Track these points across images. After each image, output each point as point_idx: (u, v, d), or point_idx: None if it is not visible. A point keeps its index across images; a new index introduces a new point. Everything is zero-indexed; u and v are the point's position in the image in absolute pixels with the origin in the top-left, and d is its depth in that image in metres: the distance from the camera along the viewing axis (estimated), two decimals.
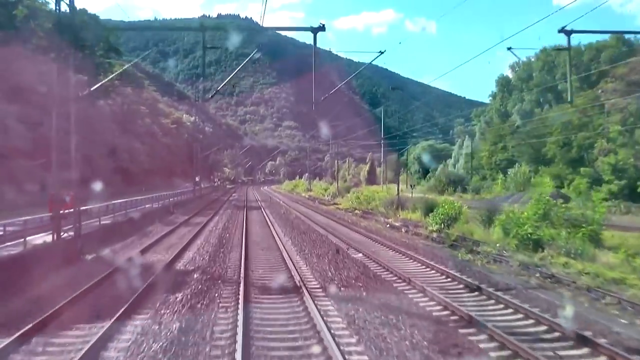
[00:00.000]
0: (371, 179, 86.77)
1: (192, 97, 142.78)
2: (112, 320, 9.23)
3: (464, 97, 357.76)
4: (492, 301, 11.65)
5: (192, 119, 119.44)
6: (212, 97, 49.95)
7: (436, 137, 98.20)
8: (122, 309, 9.85)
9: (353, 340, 8.55)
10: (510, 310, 10.85)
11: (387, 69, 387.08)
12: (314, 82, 18.17)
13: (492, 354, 8.14)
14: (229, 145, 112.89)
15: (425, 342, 8.36)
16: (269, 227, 27.99)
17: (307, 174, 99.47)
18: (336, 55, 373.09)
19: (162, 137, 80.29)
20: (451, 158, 76.32)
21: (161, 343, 8.14)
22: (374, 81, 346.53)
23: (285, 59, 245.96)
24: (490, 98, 76.26)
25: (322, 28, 16.69)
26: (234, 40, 24.36)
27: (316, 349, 8.13)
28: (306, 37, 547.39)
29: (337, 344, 7.94)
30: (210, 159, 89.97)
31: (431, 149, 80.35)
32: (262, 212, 40.05)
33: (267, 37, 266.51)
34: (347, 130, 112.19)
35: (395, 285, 13.42)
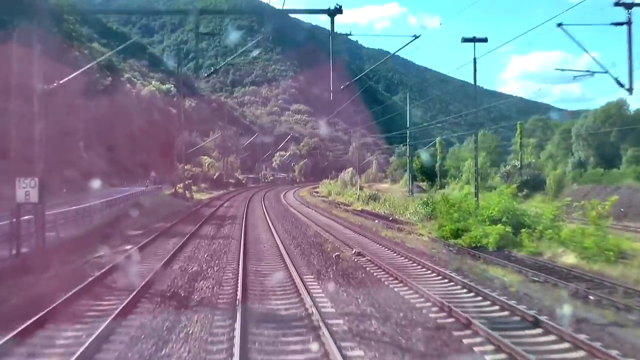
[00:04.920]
0: None
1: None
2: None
3: (482, 87, 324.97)
4: None
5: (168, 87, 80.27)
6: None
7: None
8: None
9: None
10: None
11: (399, 56, 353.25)
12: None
13: None
14: (219, 126, 73.49)
15: None
16: None
17: (351, 169, 61.33)
18: (345, 38, 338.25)
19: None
20: None
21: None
22: (388, 67, 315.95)
23: (291, 34, 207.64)
24: None
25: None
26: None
27: None
28: (311, 19, 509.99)
29: None
30: (183, 143, 51.37)
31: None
32: None
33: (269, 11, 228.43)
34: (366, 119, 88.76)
35: None
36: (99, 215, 24.51)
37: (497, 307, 11.08)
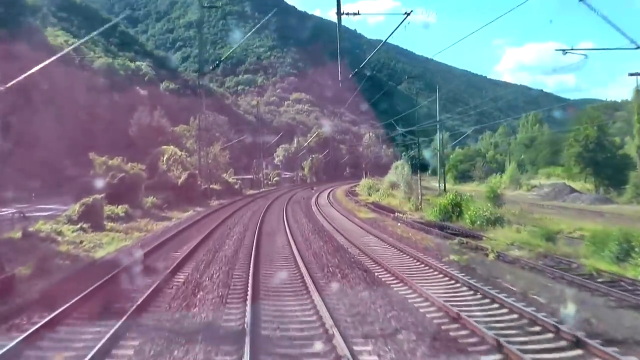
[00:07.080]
0: None
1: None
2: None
3: (485, 77, 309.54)
4: None
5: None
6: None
7: None
8: None
9: None
10: None
11: (398, 46, 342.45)
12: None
13: None
14: (196, 110, 52.84)
15: None
16: None
17: (400, 163, 43.08)
18: (345, 27, 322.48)
19: None
20: None
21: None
22: (390, 56, 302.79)
23: (288, 20, 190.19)
24: None
25: None
26: None
27: None
28: (308, 6, 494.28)
29: None
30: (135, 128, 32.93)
31: None
32: None
33: None
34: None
35: None
36: None
37: None
